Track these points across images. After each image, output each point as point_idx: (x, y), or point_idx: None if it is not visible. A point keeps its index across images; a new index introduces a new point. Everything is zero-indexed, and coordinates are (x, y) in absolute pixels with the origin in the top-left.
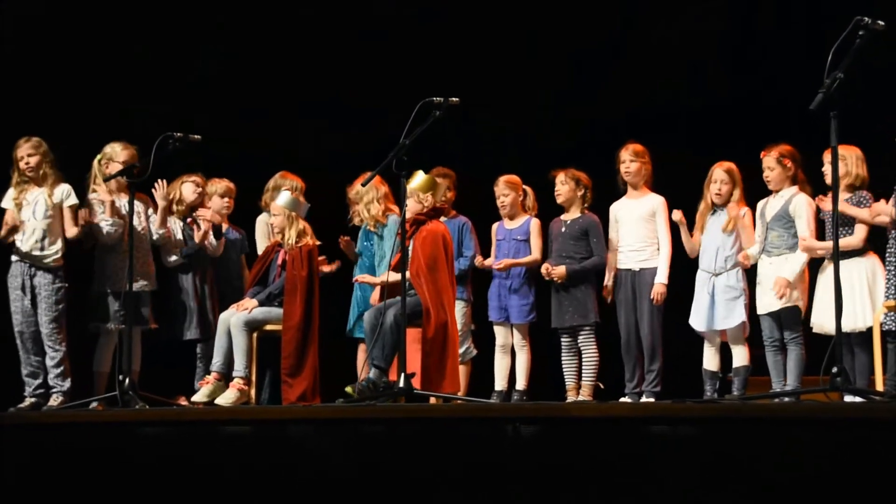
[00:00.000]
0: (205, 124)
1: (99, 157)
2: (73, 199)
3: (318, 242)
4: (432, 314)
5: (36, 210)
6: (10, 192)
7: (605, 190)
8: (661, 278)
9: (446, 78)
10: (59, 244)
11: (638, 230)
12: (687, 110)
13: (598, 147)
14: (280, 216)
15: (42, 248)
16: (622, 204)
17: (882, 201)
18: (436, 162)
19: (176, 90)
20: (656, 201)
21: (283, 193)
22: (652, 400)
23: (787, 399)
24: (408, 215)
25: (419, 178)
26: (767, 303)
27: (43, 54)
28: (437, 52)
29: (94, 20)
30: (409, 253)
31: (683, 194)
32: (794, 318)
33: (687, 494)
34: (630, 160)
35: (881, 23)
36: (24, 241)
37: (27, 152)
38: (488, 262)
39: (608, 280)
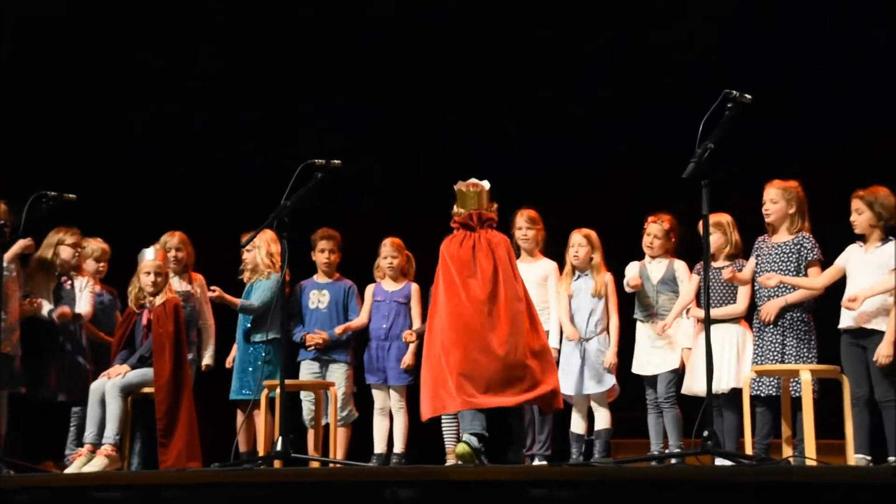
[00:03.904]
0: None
1: None
2: None
3: (178, 297)
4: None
5: None
6: None
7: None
8: (553, 343)
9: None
10: None
11: (531, 294)
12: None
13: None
14: (153, 275)
15: None
16: None
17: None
18: (319, 223)
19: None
20: (549, 266)
21: (150, 250)
22: (544, 463)
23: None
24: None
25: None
26: (658, 363)
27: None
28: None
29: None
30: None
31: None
32: (672, 380)
33: None
34: (527, 227)
35: (748, 96)
36: None
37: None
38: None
39: None
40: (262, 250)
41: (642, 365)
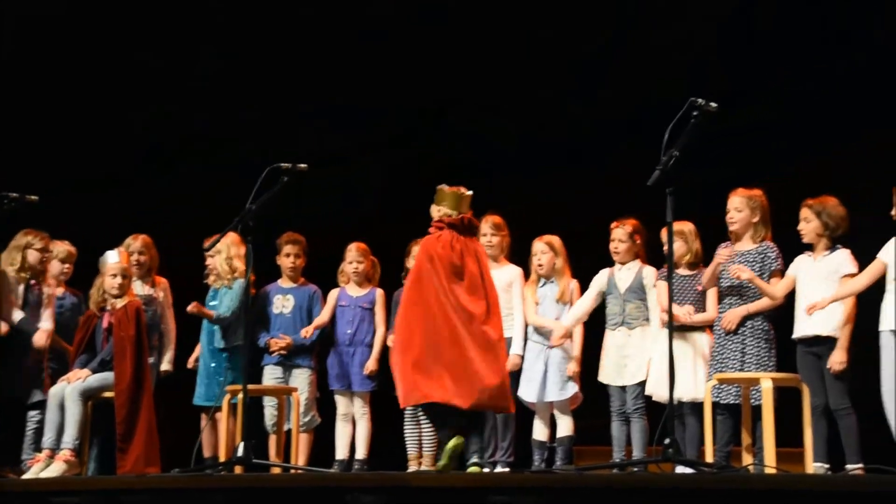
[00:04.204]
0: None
1: None
2: None
3: (139, 300)
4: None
5: None
6: None
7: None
8: (517, 349)
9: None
10: None
11: None
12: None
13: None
14: (119, 277)
15: None
16: None
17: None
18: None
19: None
20: (514, 272)
21: (113, 253)
22: (506, 470)
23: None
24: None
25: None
26: (628, 374)
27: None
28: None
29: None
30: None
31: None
32: (641, 391)
33: None
34: (492, 233)
35: (713, 104)
36: None
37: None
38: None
39: None
40: (222, 256)
41: (610, 375)
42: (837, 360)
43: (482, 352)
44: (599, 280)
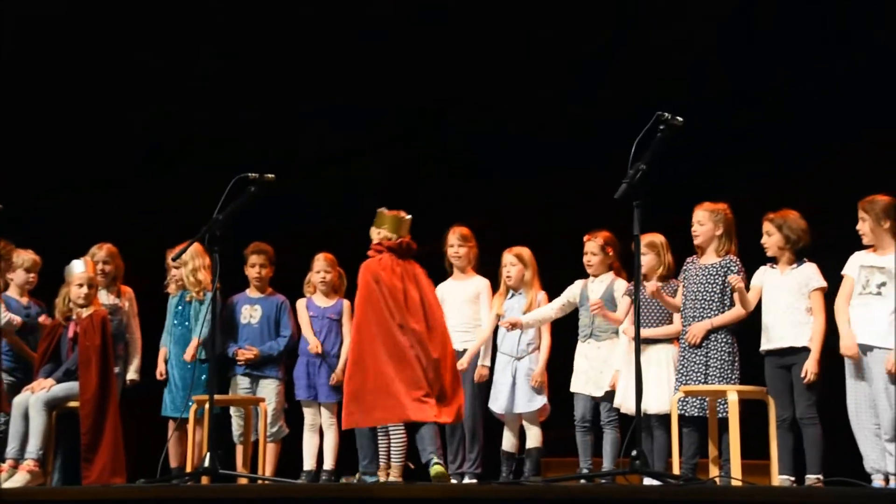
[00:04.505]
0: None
1: None
2: None
3: (105, 310)
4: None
5: None
6: None
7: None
8: (485, 361)
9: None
10: None
11: (463, 312)
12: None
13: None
14: (85, 286)
15: None
16: (448, 286)
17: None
18: (254, 237)
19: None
20: (482, 284)
21: (79, 262)
22: (474, 481)
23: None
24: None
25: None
26: (598, 386)
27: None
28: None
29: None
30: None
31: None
32: (612, 402)
33: None
34: (458, 245)
35: (680, 119)
36: None
37: None
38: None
39: None
40: (188, 267)
41: (579, 384)
42: (811, 370)
43: (431, 368)
44: (572, 290)
